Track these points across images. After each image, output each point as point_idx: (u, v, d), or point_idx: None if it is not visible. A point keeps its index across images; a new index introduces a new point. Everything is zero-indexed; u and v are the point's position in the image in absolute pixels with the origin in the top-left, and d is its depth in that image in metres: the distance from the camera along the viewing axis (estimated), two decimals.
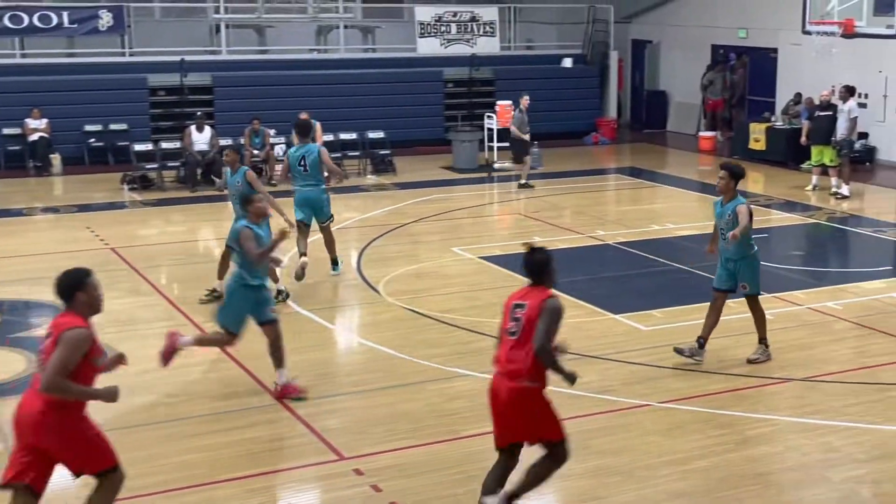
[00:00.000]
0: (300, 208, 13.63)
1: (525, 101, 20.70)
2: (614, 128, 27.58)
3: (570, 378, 7.33)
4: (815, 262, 15.64)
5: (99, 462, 6.81)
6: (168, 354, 9.72)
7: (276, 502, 8.17)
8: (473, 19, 27.10)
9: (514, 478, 7.42)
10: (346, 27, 26.87)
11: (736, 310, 12.10)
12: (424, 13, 26.73)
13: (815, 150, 20.09)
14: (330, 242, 13.99)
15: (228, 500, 7.92)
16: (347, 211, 18.63)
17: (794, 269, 14.76)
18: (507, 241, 16.37)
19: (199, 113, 21.50)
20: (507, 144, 21.84)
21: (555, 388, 10.02)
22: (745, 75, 26.97)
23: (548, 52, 28.35)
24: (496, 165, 22.92)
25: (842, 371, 10.58)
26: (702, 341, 10.75)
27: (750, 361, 10.67)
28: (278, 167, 21.44)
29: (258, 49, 26.35)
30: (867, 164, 22.66)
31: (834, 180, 19.72)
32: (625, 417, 9.43)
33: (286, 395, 9.88)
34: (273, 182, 20.91)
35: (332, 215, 13.98)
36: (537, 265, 7.66)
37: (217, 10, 25.45)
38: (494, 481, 7.38)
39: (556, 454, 7.36)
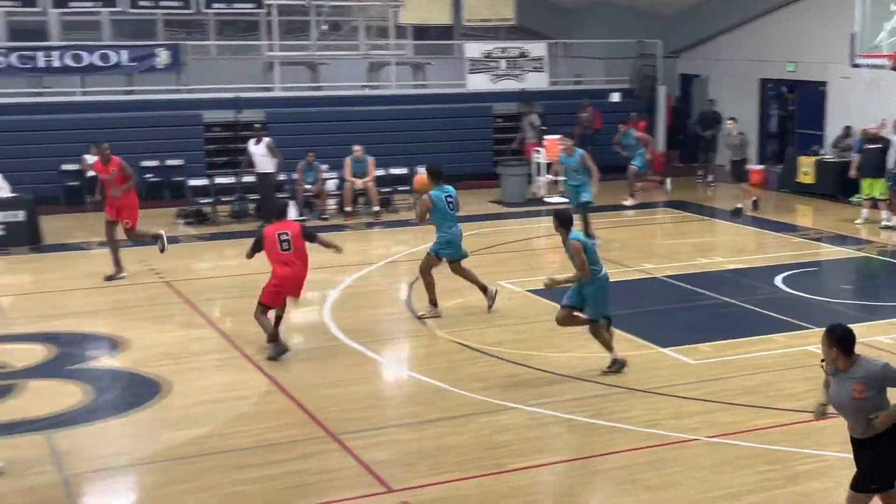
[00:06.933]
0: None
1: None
2: (663, 162, 27.43)
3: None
4: (866, 295, 15.42)
5: None
6: None
7: None
8: (522, 55, 27.18)
9: None
10: (397, 64, 27.05)
11: (781, 343, 12.00)
12: (474, 49, 26.87)
13: (865, 183, 19.87)
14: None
15: None
16: (397, 245, 18.72)
17: (844, 302, 14.57)
18: (555, 273, 16.26)
19: (257, 125, 21.90)
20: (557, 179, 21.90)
21: (604, 421, 9.98)
22: (595, 112, 25.95)
23: (596, 87, 28.31)
24: (547, 199, 22.92)
25: None
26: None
27: None
28: (330, 201, 21.68)
29: (311, 86, 26.60)
30: None
31: (884, 213, 19.47)
32: (673, 452, 9.32)
33: None
34: (324, 217, 21.13)
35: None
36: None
37: (271, 48, 25.76)
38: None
39: None
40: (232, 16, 27.34)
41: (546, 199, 22.99)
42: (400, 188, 22.51)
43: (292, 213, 20.78)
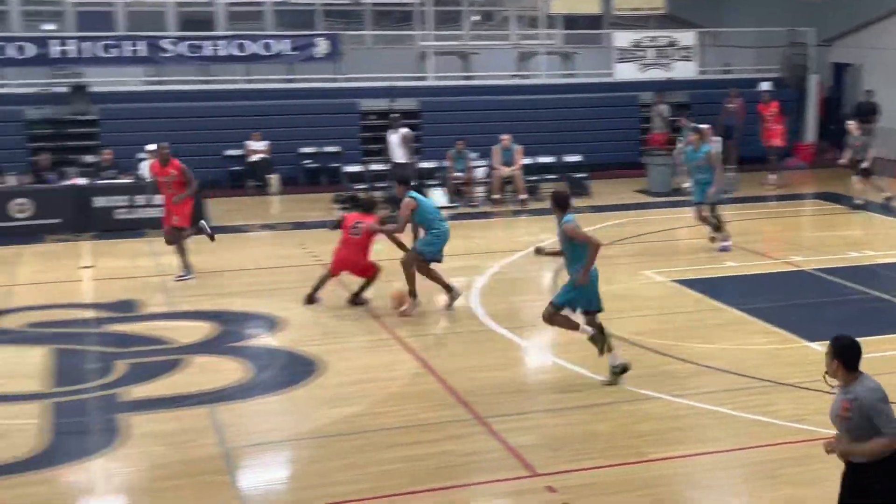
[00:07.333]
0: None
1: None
2: (812, 152, 26.61)
3: None
4: None
5: None
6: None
7: None
8: (671, 44, 26.73)
9: None
10: (546, 53, 26.95)
11: None
12: (622, 39, 26.56)
13: None
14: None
15: None
16: (543, 233, 18.62)
17: None
18: (700, 264, 16.04)
19: (394, 115, 22.00)
20: None
21: (748, 414, 9.78)
22: (742, 103, 24.49)
23: (745, 76, 27.63)
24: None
25: None
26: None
27: None
28: (479, 188, 21.77)
29: (462, 75, 26.72)
30: None
31: None
32: (819, 448, 9.03)
33: None
34: (472, 204, 21.25)
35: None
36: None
37: (424, 38, 25.99)
38: None
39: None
40: (388, 6, 27.70)
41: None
42: (547, 176, 22.47)
43: (442, 199, 20.98)
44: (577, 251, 10.55)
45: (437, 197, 21.03)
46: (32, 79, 23.85)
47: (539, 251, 11.25)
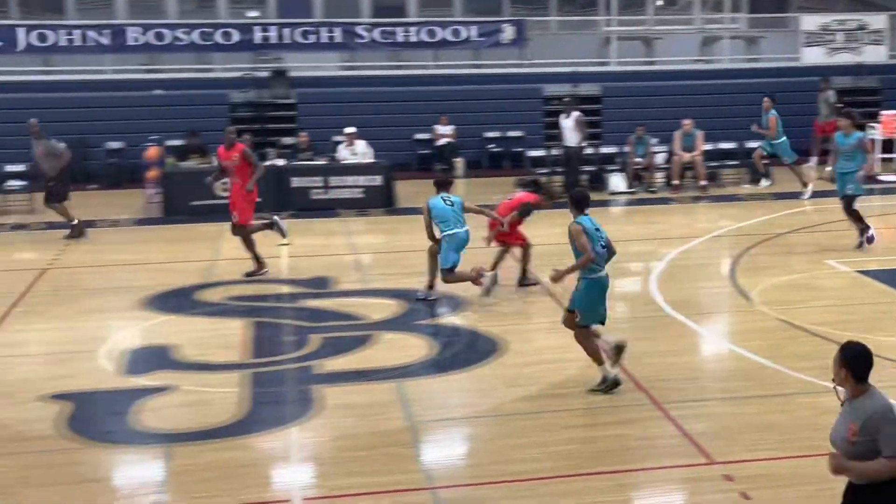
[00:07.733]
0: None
1: None
2: None
3: None
4: None
5: None
6: None
7: (645, 499, 8.19)
8: (861, 27, 25.61)
9: None
10: (731, 37, 26.24)
11: None
12: (810, 22, 25.61)
13: None
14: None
15: (601, 493, 8.00)
16: (722, 219, 18.28)
17: None
18: (887, 255, 15.37)
19: (566, 99, 21.74)
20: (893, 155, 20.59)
21: None
22: None
23: None
24: (881, 177, 21.57)
25: None
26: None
27: None
28: (658, 174, 21.47)
29: (644, 60, 26.31)
30: None
31: None
32: None
33: None
34: (652, 189, 20.96)
35: None
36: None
37: (608, 23, 25.70)
38: None
39: None
40: None
41: (880, 178, 21.65)
42: (728, 163, 21.96)
43: (621, 185, 20.79)
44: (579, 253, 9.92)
45: (616, 182, 20.84)
46: (236, 63, 24.82)
47: (556, 279, 10.15)
